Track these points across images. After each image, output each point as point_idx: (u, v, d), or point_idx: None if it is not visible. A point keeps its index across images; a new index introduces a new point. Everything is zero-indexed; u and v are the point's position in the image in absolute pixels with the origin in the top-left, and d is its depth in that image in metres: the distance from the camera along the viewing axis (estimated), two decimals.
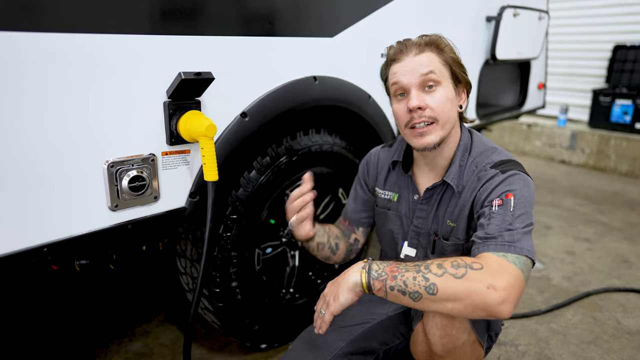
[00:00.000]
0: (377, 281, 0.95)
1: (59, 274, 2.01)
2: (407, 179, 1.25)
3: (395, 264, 0.97)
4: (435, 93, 1.08)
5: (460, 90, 1.15)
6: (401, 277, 0.93)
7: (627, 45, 4.47)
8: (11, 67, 0.82)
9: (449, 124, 1.10)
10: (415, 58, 1.08)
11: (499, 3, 2.36)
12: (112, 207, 1.00)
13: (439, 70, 1.08)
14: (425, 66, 1.07)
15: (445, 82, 1.09)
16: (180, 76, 1.01)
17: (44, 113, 0.88)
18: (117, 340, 1.72)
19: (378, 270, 0.96)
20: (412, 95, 1.07)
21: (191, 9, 1.07)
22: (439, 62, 1.09)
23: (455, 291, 0.87)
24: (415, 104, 1.06)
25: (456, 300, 0.87)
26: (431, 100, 1.07)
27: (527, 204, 1.00)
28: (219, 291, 1.40)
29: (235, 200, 1.35)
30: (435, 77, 1.07)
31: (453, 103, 1.11)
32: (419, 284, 0.90)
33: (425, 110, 1.07)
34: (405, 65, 1.08)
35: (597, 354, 1.67)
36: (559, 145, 4.71)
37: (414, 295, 0.91)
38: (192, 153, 1.15)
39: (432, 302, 0.90)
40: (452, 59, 1.11)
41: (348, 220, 1.41)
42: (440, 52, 1.09)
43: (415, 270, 0.92)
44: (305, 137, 1.51)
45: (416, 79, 1.07)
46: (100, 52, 0.93)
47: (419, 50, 1.09)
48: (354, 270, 1.00)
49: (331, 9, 1.44)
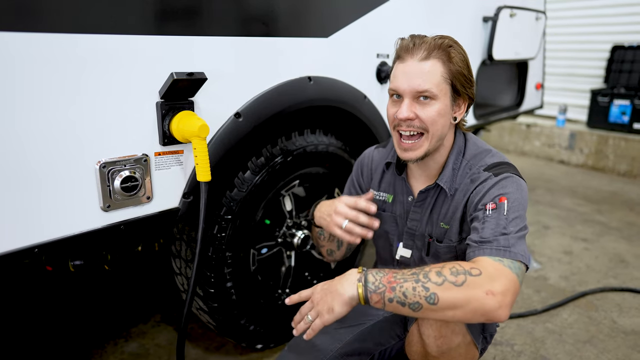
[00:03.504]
0: (375, 294, 0.93)
1: (54, 275, 2.01)
2: (401, 180, 1.25)
3: (392, 273, 0.94)
4: (429, 107, 1.05)
5: (459, 102, 1.10)
6: (400, 289, 0.91)
7: (625, 46, 4.47)
8: (2, 67, 0.82)
9: (437, 136, 1.08)
10: (419, 64, 1.04)
11: (495, 3, 2.37)
12: (105, 207, 1.00)
13: (438, 85, 1.03)
14: (424, 80, 1.03)
15: (442, 97, 1.05)
16: (172, 76, 1.01)
17: (35, 113, 0.88)
18: (113, 341, 1.72)
19: (375, 282, 0.93)
20: (403, 106, 1.06)
21: (184, 9, 1.07)
22: (441, 75, 1.04)
23: (455, 299, 0.87)
24: (404, 116, 1.05)
25: (457, 308, 0.87)
26: (423, 113, 1.05)
27: (521, 207, 1.00)
28: (213, 292, 1.40)
29: (229, 200, 1.35)
30: (431, 93, 1.04)
31: (445, 117, 1.08)
32: (419, 294, 0.89)
33: (414, 120, 1.06)
34: (407, 71, 1.05)
35: (592, 353, 1.67)
36: (558, 146, 4.71)
37: (414, 305, 0.90)
38: (186, 153, 1.15)
39: (432, 311, 0.89)
40: (457, 72, 1.05)
41: None
42: (448, 62, 1.04)
43: (414, 280, 0.90)
44: (300, 137, 1.51)
45: (411, 90, 1.04)
46: (92, 53, 0.93)
47: (426, 54, 1.03)
48: (349, 282, 0.96)
49: (326, 9, 1.44)
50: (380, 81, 1.71)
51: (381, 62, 1.69)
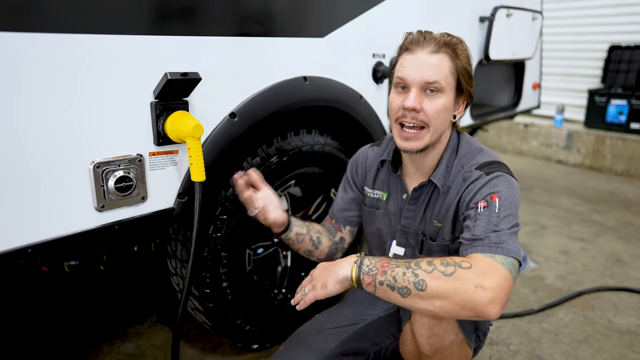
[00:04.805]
0: (367, 276, 0.96)
1: (49, 275, 2.01)
2: (396, 178, 1.25)
3: (386, 260, 0.97)
4: (435, 100, 1.06)
5: (460, 100, 1.12)
6: (391, 272, 0.93)
7: (623, 46, 4.48)
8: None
9: (438, 131, 1.10)
10: (429, 56, 1.05)
11: (492, 3, 2.37)
12: (99, 207, 1.00)
13: (446, 78, 1.05)
14: (434, 72, 1.04)
15: (448, 91, 1.07)
16: (166, 76, 1.01)
17: (29, 113, 0.87)
18: (109, 342, 1.71)
19: (369, 265, 0.97)
20: (411, 95, 1.06)
21: (179, 9, 1.07)
22: (449, 69, 1.06)
23: (443, 288, 0.87)
24: (411, 105, 1.05)
25: (444, 298, 0.87)
26: (428, 105, 1.06)
27: (512, 205, 1.00)
28: (209, 292, 1.40)
29: (225, 200, 1.35)
30: (440, 86, 1.05)
31: (448, 112, 1.10)
32: (408, 279, 0.91)
33: (419, 113, 1.06)
34: (416, 62, 1.06)
35: (588, 352, 1.68)
36: (556, 145, 4.72)
37: (402, 290, 0.91)
38: (180, 153, 1.15)
39: (420, 298, 0.90)
40: (463, 69, 1.08)
41: (334, 219, 1.41)
42: (455, 58, 1.06)
43: (405, 267, 0.93)
44: (296, 137, 1.51)
45: (421, 80, 1.05)
46: (87, 53, 0.93)
47: (435, 48, 1.05)
48: (346, 263, 1.00)
49: (321, 9, 1.44)
50: (376, 81, 1.71)
51: (377, 62, 1.69)
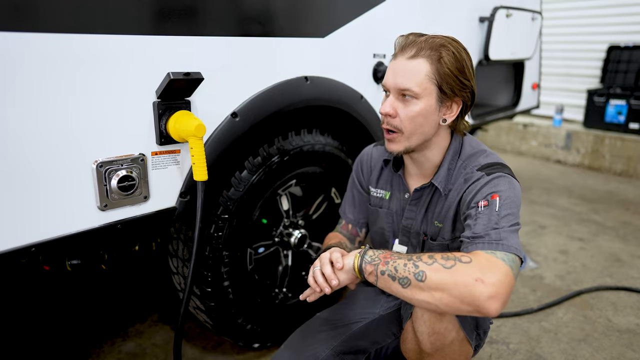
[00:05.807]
0: (370, 265, 0.99)
1: (51, 274, 2.01)
2: (398, 177, 1.26)
3: (389, 252, 1.00)
4: (410, 106, 1.06)
5: (448, 104, 1.08)
6: (393, 263, 0.96)
7: (621, 46, 4.49)
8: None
9: (416, 136, 1.09)
10: (406, 62, 1.05)
11: (492, 4, 2.38)
12: (101, 207, 1.01)
13: (420, 84, 1.03)
14: (406, 79, 1.04)
15: (425, 97, 1.05)
16: (169, 76, 1.02)
17: (32, 113, 0.88)
18: (110, 341, 1.72)
19: (372, 255, 1.01)
20: (387, 101, 1.09)
21: (181, 9, 1.08)
22: (427, 75, 1.03)
23: (442, 280, 0.88)
24: (384, 110, 1.09)
25: (444, 290, 0.88)
26: (402, 111, 1.07)
27: (513, 205, 1.00)
28: (210, 291, 1.41)
29: (226, 199, 1.35)
30: (413, 92, 1.04)
31: (428, 117, 1.07)
32: (408, 270, 0.93)
33: (394, 118, 1.08)
34: (394, 68, 1.08)
35: (587, 351, 1.69)
36: (555, 145, 4.73)
37: (403, 280, 0.93)
38: (183, 153, 1.15)
39: (420, 289, 0.91)
40: (447, 74, 1.03)
41: (350, 224, 1.39)
42: (436, 63, 1.03)
43: (407, 259, 0.95)
44: (297, 137, 1.52)
45: (394, 87, 1.07)
46: (89, 53, 0.93)
47: (414, 53, 1.04)
48: (351, 253, 1.05)
49: (322, 10, 1.44)
50: (377, 81, 1.72)
51: (378, 62, 1.70)
